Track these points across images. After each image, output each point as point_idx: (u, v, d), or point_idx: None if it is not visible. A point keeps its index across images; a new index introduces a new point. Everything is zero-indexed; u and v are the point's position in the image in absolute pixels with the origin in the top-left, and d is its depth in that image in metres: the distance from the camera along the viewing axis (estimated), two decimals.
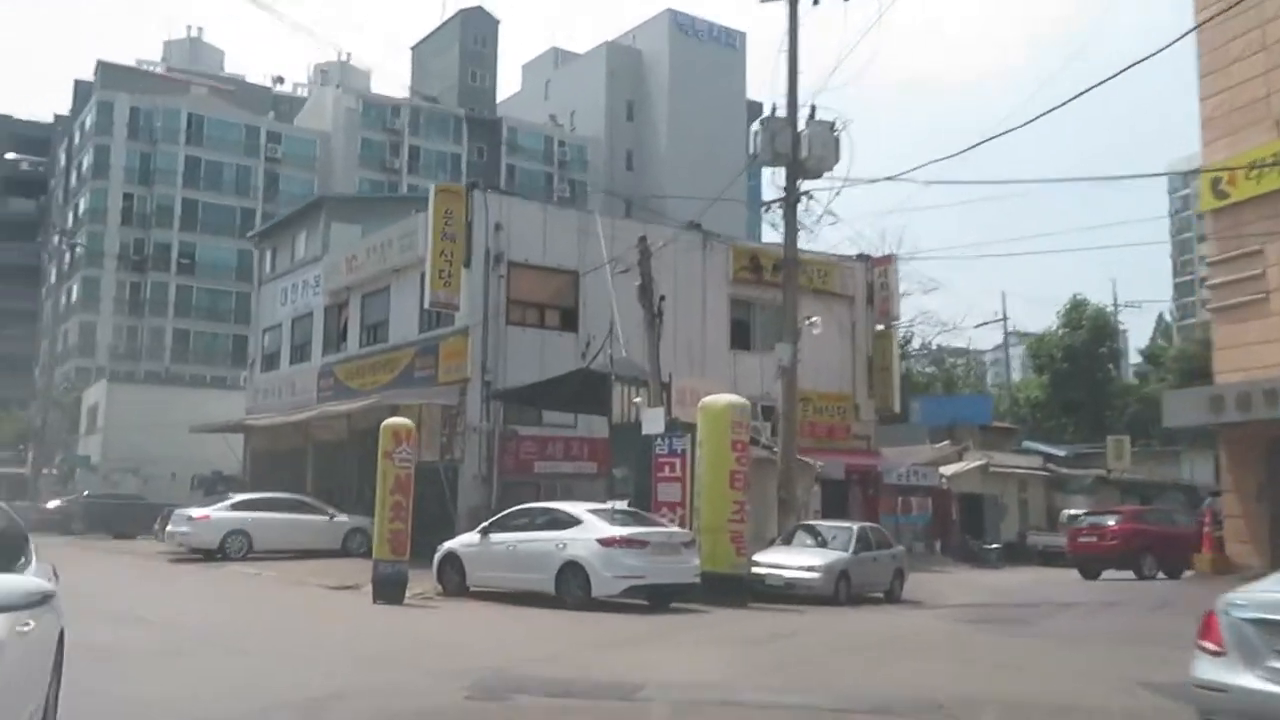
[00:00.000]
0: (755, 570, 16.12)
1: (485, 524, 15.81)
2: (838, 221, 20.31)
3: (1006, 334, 63.62)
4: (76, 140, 67.55)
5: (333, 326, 31.00)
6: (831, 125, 19.63)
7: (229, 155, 64.44)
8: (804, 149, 19.61)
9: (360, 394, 26.87)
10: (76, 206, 65.13)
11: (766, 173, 20.41)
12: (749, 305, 29.07)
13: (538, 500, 21.06)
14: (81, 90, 72.62)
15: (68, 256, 60.31)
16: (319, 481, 29.32)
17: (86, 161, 63.61)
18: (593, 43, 79.88)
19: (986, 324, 64.12)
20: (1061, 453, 42.90)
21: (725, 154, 61.06)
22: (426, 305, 24.37)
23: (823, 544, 17.80)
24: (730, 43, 75.52)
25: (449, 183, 30.40)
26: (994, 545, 31.27)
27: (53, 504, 34.11)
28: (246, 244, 63.07)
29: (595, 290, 25.24)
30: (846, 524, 18.89)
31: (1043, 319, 76.10)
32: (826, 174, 20.02)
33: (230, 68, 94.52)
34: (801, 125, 19.78)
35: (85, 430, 44.45)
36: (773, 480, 21.05)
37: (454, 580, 15.58)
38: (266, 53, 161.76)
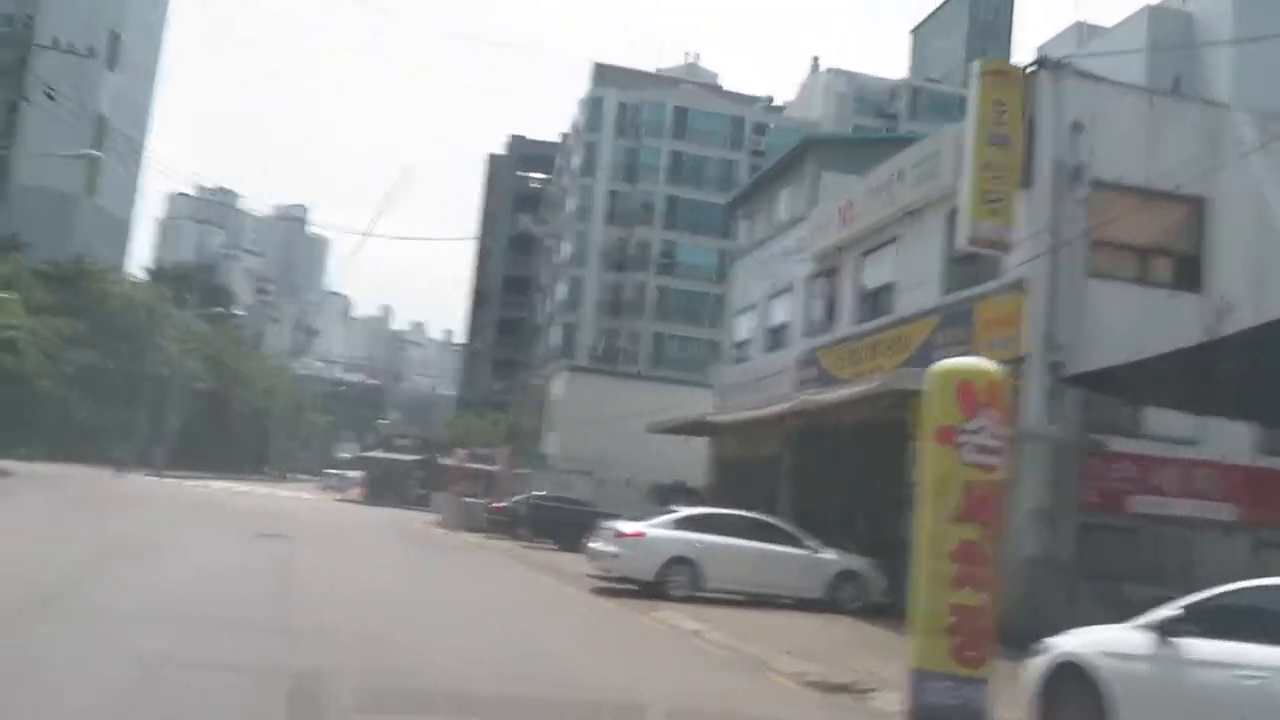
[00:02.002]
0: None
1: (1169, 611, 6.77)
2: None
3: None
4: (570, 142, 68.09)
5: (819, 300, 23.95)
6: None
7: (713, 149, 60.99)
8: None
9: (852, 385, 19.42)
10: (566, 207, 65.29)
11: None
12: None
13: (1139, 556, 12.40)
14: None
15: (555, 257, 60.04)
16: (798, 501, 22.28)
17: (576, 161, 63.38)
18: (1126, 12, 66.68)
19: None
20: None
21: None
22: (963, 243, 16.22)
23: None
24: None
25: (999, 60, 21.95)
26: None
27: (503, 503, 30.54)
28: (727, 243, 59.64)
29: (1233, 227, 15.84)
30: None
31: None
32: None
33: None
34: None
35: (547, 426, 41.66)
36: None
37: None
38: (760, 79, 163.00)
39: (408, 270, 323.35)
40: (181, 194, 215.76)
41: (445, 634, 10.59)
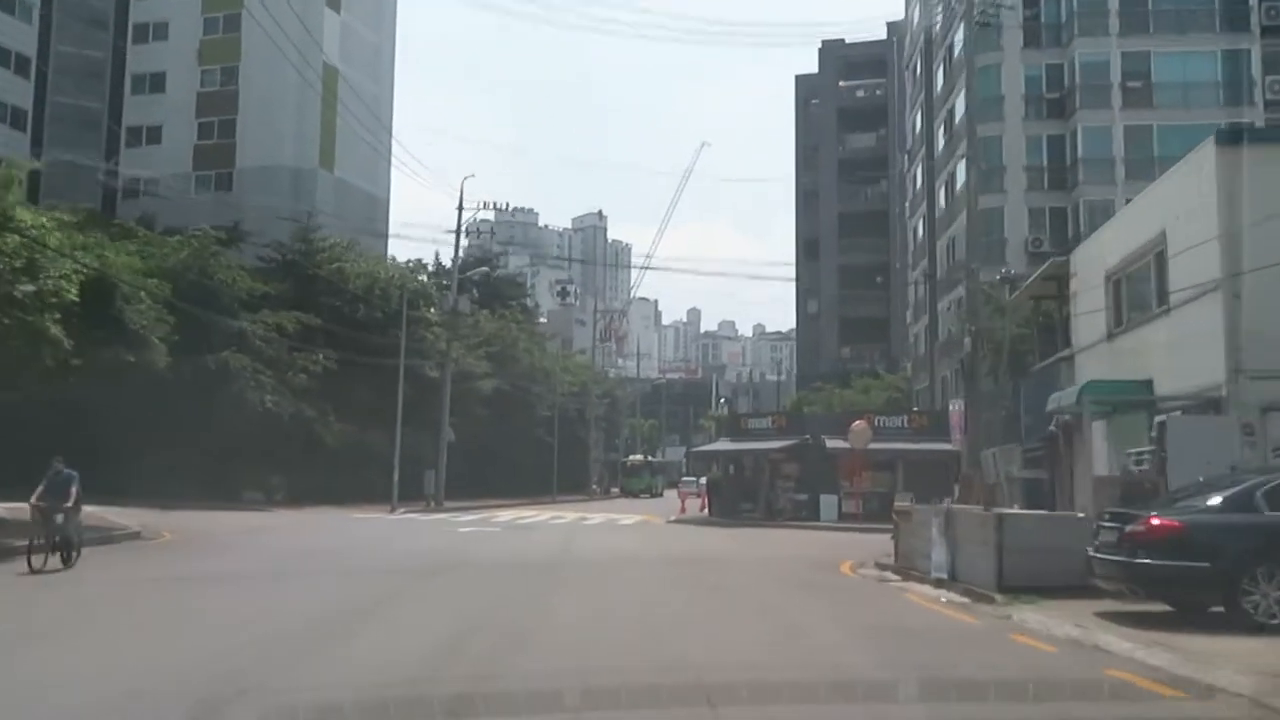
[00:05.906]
0: None
1: None
2: None
3: None
4: (915, 18, 47.40)
5: None
6: None
7: None
8: None
9: None
10: (948, 103, 44.60)
11: None
12: None
13: None
14: None
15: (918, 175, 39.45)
16: None
17: (960, 34, 42.38)
18: None
19: None
20: None
21: None
22: None
23: None
24: None
25: None
26: None
27: (1179, 520, 10.98)
28: (1233, 111, 36.11)
29: None
30: None
31: None
32: None
33: None
34: None
35: (1098, 332, 20.63)
36: None
37: None
38: None
39: (717, 272, 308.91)
40: (484, 220, 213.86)
41: None
